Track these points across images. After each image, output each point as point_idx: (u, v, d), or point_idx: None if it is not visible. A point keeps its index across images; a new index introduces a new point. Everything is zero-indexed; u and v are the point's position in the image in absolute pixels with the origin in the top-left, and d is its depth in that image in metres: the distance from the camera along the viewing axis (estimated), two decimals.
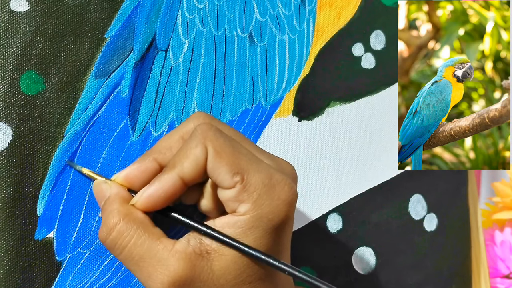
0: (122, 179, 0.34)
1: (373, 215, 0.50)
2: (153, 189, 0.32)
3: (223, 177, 0.32)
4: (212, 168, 0.32)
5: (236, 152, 0.32)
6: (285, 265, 0.32)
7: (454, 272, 0.54)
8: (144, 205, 0.33)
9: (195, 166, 0.32)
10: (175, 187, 0.32)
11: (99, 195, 0.35)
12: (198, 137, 0.32)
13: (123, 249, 0.32)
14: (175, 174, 0.32)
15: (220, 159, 0.31)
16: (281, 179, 0.32)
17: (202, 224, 0.33)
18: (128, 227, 0.32)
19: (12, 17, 0.36)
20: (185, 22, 0.41)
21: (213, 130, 0.32)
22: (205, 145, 0.32)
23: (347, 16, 0.48)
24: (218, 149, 0.32)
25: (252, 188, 0.31)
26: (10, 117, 0.36)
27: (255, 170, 0.32)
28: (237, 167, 0.31)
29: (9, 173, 0.36)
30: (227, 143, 0.32)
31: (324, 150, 0.47)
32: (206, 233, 0.32)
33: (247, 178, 0.31)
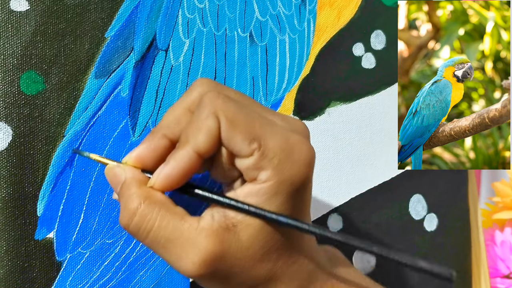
0: (134, 160, 0.33)
1: (373, 215, 0.50)
2: (169, 168, 0.31)
3: (240, 146, 0.30)
4: (227, 138, 0.31)
5: (249, 117, 0.31)
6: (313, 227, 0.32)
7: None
8: (163, 185, 0.31)
9: (210, 138, 0.31)
10: (192, 163, 0.31)
11: (113, 180, 0.33)
12: (207, 107, 0.31)
13: (148, 233, 0.31)
14: (190, 149, 0.31)
15: (234, 127, 0.30)
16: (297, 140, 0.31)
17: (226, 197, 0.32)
18: (150, 209, 0.31)
19: (12, 17, 0.36)
20: (185, 22, 0.41)
21: (221, 98, 0.31)
22: (217, 115, 0.31)
23: (347, 16, 0.48)
24: (230, 118, 0.30)
25: (271, 154, 0.30)
26: (10, 117, 0.36)
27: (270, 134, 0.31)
28: (253, 133, 0.30)
29: (9, 173, 0.36)
30: (238, 109, 0.31)
31: (325, 150, 0.47)
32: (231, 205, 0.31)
33: (264, 144, 0.30)
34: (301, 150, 0.31)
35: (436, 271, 0.30)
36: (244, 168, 0.31)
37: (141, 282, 0.41)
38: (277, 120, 0.33)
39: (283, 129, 0.32)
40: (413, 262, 0.31)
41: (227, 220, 0.31)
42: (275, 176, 0.31)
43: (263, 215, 0.31)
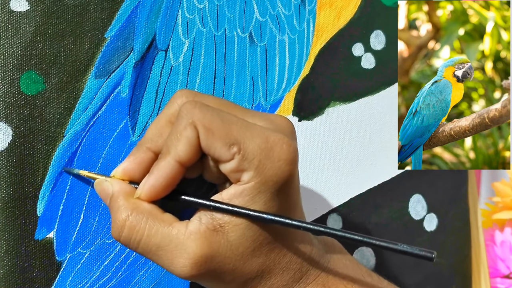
0: (121, 173, 0.34)
1: (373, 215, 0.50)
2: (153, 179, 0.32)
3: (219, 151, 0.31)
4: (207, 146, 0.32)
5: (226, 123, 0.32)
6: (296, 221, 0.32)
7: (454, 272, 0.54)
8: (148, 196, 0.33)
9: (189, 147, 0.32)
10: (174, 172, 0.32)
11: (102, 194, 0.35)
12: (185, 118, 0.32)
13: (139, 243, 0.32)
14: (172, 159, 0.32)
15: (212, 135, 0.31)
16: (278, 139, 0.32)
17: (211, 200, 0.33)
18: (138, 220, 0.32)
19: (12, 17, 0.36)
20: (185, 22, 0.41)
21: (198, 107, 0.32)
22: (194, 125, 0.31)
23: (347, 16, 0.48)
24: (207, 126, 0.31)
25: (251, 156, 0.31)
26: (10, 117, 0.36)
27: (249, 136, 0.32)
28: (231, 138, 0.31)
29: (9, 173, 0.36)
30: (215, 116, 0.32)
31: (324, 150, 0.47)
32: (216, 208, 0.32)
33: (244, 147, 0.31)
34: (282, 149, 0.32)
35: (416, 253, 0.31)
36: (227, 171, 0.32)
37: (141, 282, 0.41)
38: (258, 121, 0.33)
39: (263, 130, 0.32)
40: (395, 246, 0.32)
41: (215, 221, 0.32)
42: (257, 177, 0.32)
43: (247, 214, 0.32)
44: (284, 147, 0.32)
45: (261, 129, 0.32)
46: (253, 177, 0.32)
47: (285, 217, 0.32)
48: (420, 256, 0.31)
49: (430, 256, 0.31)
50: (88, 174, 0.37)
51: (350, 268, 0.36)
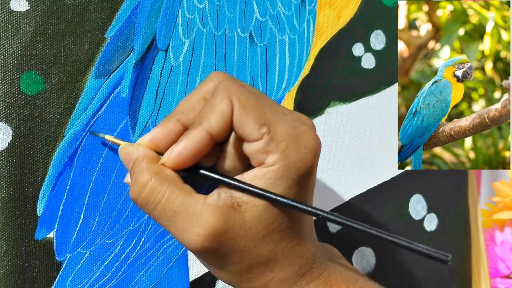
0: (148, 141, 0.34)
1: (373, 215, 0.50)
2: (182, 146, 0.32)
3: (250, 129, 0.32)
4: (239, 121, 0.32)
5: (261, 104, 0.32)
6: (316, 209, 0.33)
7: (455, 272, 0.54)
8: (174, 163, 0.33)
9: (222, 120, 0.32)
10: (204, 143, 0.32)
11: (126, 158, 0.35)
12: (222, 92, 0.32)
13: (156, 205, 0.32)
14: (203, 130, 0.32)
15: (246, 111, 0.32)
16: (305, 129, 0.33)
17: (232, 179, 0.33)
18: (160, 183, 0.32)
19: (12, 17, 0.36)
20: (185, 22, 0.41)
21: (236, 85, 0.33)
22: (230, 99, 0.32)
23: (347, 16, 0.48)
24: (243, 102, 0.32)
25: (279, 139, 0.32)
26: (10, 117, 0.36)
27: (280, 121, 0.32)
28: (263, 118, 0.32)
29: (9, 173, 0.36)
30: (251, 96, 0.32)
31: (324, 150, 0.47)
32: (236, 186, 0.32)
33: (274, 129, 0.32)
34: (308, 139, 0.33)
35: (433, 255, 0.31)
36: (253, 151, 0.33)
37: (141, 282, 0.41)
38: (286, 111, 0.34)
39: (292, 119, 0.33)
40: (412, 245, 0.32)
41: (233, 199, 0.33)
42: (282, 160, 0.32)
43: (267, 196, 0.32)
44: (310, 138, 0.33)
45: (290, 118, 0.33)
46: (278, 160, 0.32)
47: (305, 204, 0.33)
48: (435, 258, 0.32)
49: (445, 258, 0.31)
50: (113, 140, 0.37)
51: (350, 272, 0.37)
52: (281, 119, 0.32)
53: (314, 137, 0.33)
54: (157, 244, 0.41)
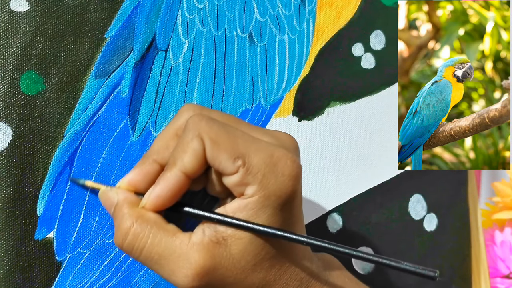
0: (127, 184, 0.34)
1: (373, 215, 0.50)
2: (159, 189, 0.33)
3: (224, 164, 0.32)
4: (212, 158, 0.32)
5: (232, 136, 0.32)
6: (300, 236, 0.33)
7: (454, 272, 0.54)
8: (153, 206, 0.33)
9: (195, 159, 0.32)
10: (180, 183, 0.32)
11: (107, 203, 0.35)
12: (192, 130, 0.32)
13: (142, 251, 0.32)
14: (178, 171, 0.32)
15: (218, 147, 0.32)
16: (282, 155, 0.32)
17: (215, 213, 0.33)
18: (143, 228, 0.32)
19: (12, 17, 0.36)
20: (185, 22, 0.41)
21: (205, 120, 0.32)
22: (201, 137, 0.32)
23: (347, 16, 0.48)
24: (214, 138, 0.32)
25: (255, 170, 0.32)
26: (10, 117, 0.36)
27: (254, 150, 0.32)
28: (236, 151, 0.32)
29: (9, 173, 0.36)
30: (221, 129, 0.32)
31: (324, 150, 0.47)
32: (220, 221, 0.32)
33: (249, 161, 0.32)
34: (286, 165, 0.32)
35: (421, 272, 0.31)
36: (232, 185, 0.32)
37: (141, 282, 0.41)
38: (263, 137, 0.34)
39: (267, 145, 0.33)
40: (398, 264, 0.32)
41: (218, 234, 0.33)
42: (260, 191, 0.32)
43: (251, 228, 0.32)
44: (288, 163, 0.32)
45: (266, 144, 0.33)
46: (257, 191, 0.32)
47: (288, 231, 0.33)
48: (423, 275, 0.32)
49: (432, 275, 0.31)
50: (94, 185, 0.37)
51: (350, 283, 0.36)
52: (255, 148, 0.32)
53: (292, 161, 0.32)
54: None
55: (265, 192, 0.32)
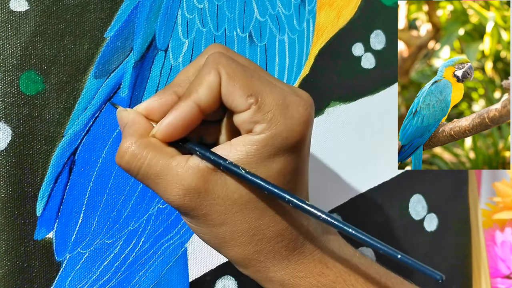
0: (143, 109, 0.35)
1: (373, 215, 0.50)
2: (171, 118, 0.33)
3: (237, 100, 0.32)
4: (227, 92, 0.32)
5: (249, 76, 0.33)
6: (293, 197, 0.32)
7: (455, 272, 0.54)
8: (164, 134, 0.33)
9: (210, 91, 0.32)
10: (193, 114, 0.33)
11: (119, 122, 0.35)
12: (210, 64, 0.33)
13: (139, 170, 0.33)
14: (191, 101, 0.33)
15: (233, 82, 0.32)
16: (295, 100, 0.33)
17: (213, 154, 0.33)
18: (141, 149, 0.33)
19: (12, 17, 0.36)
20: (184, 22, 0.41)
21: (225, 57, 0.33)
22: (218, 71, 0.32)
23: (347, 16, 0.48)
24: (231, 73, 0.32)
25: (266, 108, 0.32)
26: (9, 117, 0.36)
27: (268, 91, 0.33)
28: (251, 89, 0.32)
29: (8, 173, 0.36)
30: (239, 67, 0.33)
31: (324, 150, 0.47)
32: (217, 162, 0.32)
33: (261, 99, 0.32)
34: (297, 109, 0.33)
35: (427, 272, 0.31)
36: (241, 122, 0.33)
37: (140, 282, 0.41)
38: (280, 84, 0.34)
39: (282, 90, 0.33)
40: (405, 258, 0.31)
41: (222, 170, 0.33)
42: (268, 130, 0.32)
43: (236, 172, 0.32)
44: (299, 109, 0.33)
45: (281, 89, 0.33)
46: (264, 129, 0.32)
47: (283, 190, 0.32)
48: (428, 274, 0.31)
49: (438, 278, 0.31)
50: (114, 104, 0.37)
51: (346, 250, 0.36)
52: (269, 89, 0.33)
53: (304, 108, 0.33)
54: (157, 244, 0.41)
55: (272, 132, 0.32)
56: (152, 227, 0.41)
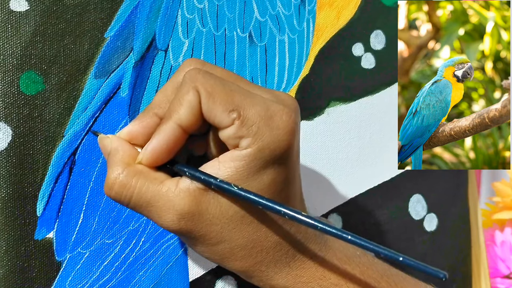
0: (125, 135, 0.34)
1: (373, 215, 0.50)
2: (155, 142, 0.33)
3: (219, 116, 0.32)
4: (208, 110, 0.32)
5: (228, 90, 0.32)
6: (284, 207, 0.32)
7: (455, 272, 0.54)
8: (150, 160, 0.33)
9: (191, 110, 0.32)
10: (176, 136, 0.32)
11: (102, 151, 0.35)
12: (188, 83, 0.32)
13: (130, 199, 0.33)
14: (173, 123, 0.32)
15: (213, 99, 0.32)
16: (278, 109, 0.32)
17: (203, 173, 0.33)
18: (129, 178, 0.32)
19: (12, 17, 0.36)
20: (185, 22, 0.41)
21: (202, 73, 0.32)
22: (197, 89, 0.32)
23: (347, 16, 0.48)
24: (209, 90, 0.32)
25: (250, 122, 0.32)
26: (9, 117, 0.36)
27: (250, 104, 0.32)
28: (232, 104, 0.32)
29: (8, 173, 0.36)
30: (217, 83, 0.32)
31: (324, 150, 0.47)
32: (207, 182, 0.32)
33: (244, 113, 0.32)
34: (281, 119, 0.32)
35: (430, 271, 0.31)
36: (226, 138, 0.32)
37: (141, 282, 0.41)
38: (262, 93, 0.34)
39: (264, 99, 0.33)
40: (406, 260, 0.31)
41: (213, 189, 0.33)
42: (254, 143, 0.32)
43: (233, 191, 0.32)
44: (284, 118, 0.32)
45: (263, 99, 0.33)
46: (250, 144, 0.32)
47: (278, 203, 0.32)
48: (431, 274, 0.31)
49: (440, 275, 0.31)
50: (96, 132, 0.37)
51: (346, 249, 0.36)
52: (251, 101, 0.32)
53: (288, 116, 0.32)
54: (157, 244, 0.41)
55: (259, 145, 0.32)
56: (152, 227, 0.41)
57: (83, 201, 0.39)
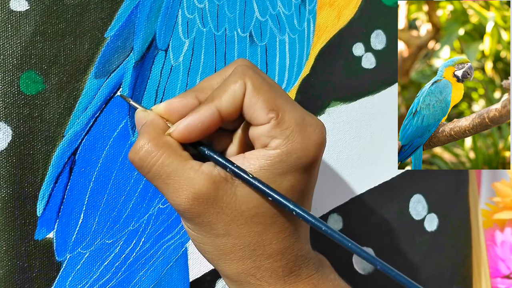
0: (162, 109, 0.35)
1: (373, 215, 0.50)
2: (191, 119, 0.33)
3: (258, 112, 0.33)
4: (249, 103, 0.33)
5: (273, 91, 0.33)
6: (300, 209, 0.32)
7: (455, 272, 0.54)
8: (181, 134, 0.33)
9: (233, 100, 0.33)
10: (212, 119, 0.33)
11: (137, 122, 0.35)
12: (238, 74, 0.33)
13: (151, 168, 0.33)
14: (213, 106, 0.33)
15: (257, 94, 0.33)
16: (313, 122, 0.34)
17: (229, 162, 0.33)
18: (156, 148, 0.33)
19: (12, 17, 0.36)
20: (185, 22, 0.41)
21: (252, 70, 0.33)
22: (245, 81, 0.33)
23: (347, 16, 0.48)
24: (256, 86, 0.33)
25: (285, 125, 0.33)
26: (10, 117, 0.36)
27: (289, 109, 0.33)
28: (273, 104, 0.33)
29: (8, 173, 0.36)
30: (265, 82, 0.33)
31: (324, 150, 0.47)
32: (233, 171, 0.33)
33: (282, 115, 0.33)
34: (314, 131, 0.33)
35: None
36: (258, 135, 0.33)
37: (141, 282, 0.41)
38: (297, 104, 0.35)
39: (302, 110, 0.34)
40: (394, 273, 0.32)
41: (228, 172, 0.33)
42: (284, 146, 0.33)
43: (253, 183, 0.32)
44: (316, 131, 0.33)
45: (301, 109, 0.34)
46: (280, 145, 0.32)
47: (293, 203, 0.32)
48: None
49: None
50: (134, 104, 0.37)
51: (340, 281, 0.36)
52: (291, 107, 0.33)
53: (321, 131, 0.34)
54: (157, 244, 0.41)
55: (288, 148, 0.32)
56: (153, 227, 0.41)
57: (83, 201, 0.39)
